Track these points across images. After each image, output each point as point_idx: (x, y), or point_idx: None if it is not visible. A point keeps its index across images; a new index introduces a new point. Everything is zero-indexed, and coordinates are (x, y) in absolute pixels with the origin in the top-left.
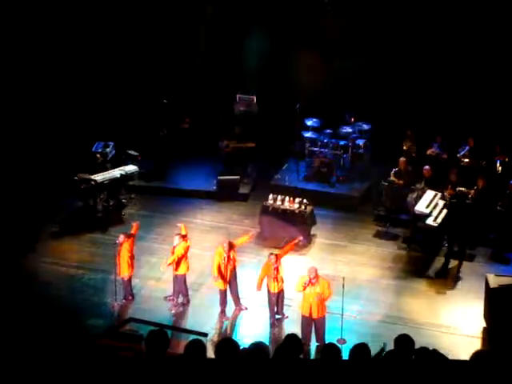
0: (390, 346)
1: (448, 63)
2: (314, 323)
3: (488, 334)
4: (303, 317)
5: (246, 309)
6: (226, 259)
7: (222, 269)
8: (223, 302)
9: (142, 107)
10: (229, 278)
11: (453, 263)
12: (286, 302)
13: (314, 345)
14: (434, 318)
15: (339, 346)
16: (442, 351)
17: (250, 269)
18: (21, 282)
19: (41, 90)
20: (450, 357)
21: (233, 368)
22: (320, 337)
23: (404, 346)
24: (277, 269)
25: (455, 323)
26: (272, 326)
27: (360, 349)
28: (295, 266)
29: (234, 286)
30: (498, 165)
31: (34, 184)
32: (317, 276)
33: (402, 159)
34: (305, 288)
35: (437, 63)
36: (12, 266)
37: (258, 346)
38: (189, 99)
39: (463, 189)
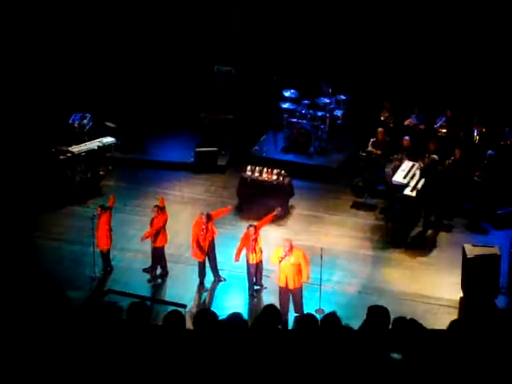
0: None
1: (426, 33)
2: (291, 294)
3: (465, 304)
4: (280, 288)
5: (225, 280)
6: (205, 231)
7: (201, 240)
8: (201, 274)
9: (118, 79)
10: (207, 250)
11: (429, 233)
12: (264, 272)
13: (292, 315)
14: (412, 288)
15: (317, 316)
16: (419, 321)
17: (228, 240)
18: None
19: (17, 62)
20: (428, 326)
21: (211, 339)
22: (298, 307)
23: (378, 316)
24: (255, 240)
25: (432, 293)
26: (251, 296)
27: (331, 318)
28: (273, 237)
29: (213, 258)
30: (475, 135)
31: (12, 157)
32: (291, 247)
33: (380, 129)
34: (280, 261)
35: (415, 33)
36: None
37: (235, 317)
38: (167, 71)
39: (435, 156)
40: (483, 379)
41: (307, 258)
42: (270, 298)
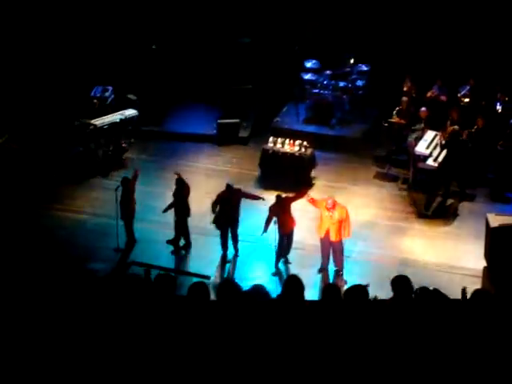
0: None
1: (448, 1)
2: (331, 245)
3: (488, 273)
4: (321, 239)
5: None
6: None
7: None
8: (224, 245)
9: (137, 52)
10: (230, 221)
11: (452, 203)
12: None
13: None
14: (435, 258)
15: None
16: (442, 291)
17: (250, 212)
18: (24, 228)
19: (40, 36)
20: (451, 296)
21: (234, 310)
22: (338, 260)
23: (401, 287)
24: (286, 211)
25: (456, 263)
26: (276, 268)
27: (356, 290)
28: (295, 209)
29: (235, 229)
30: (498, 105)
31: (35, 130)
32: (334, 204)
33: (405, 99)
34: (325, 209)
35: (437, 1)
36: (15, 213)
37: (257, 289)
38: (189, 42)
39: (456, 127)
40: (506, 348)
41: (349, 215)
42: (295, 270)
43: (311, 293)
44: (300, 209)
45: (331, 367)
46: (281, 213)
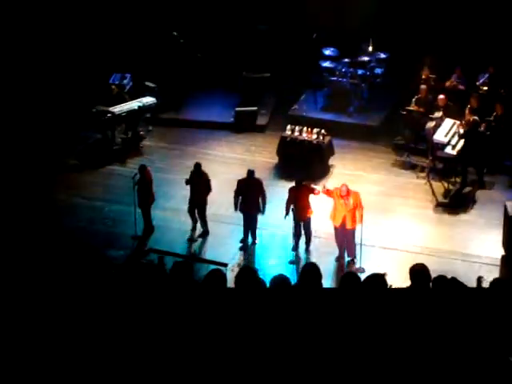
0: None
1: None
2: (345, 234)
3: (507, 262)
4: (335, 228)
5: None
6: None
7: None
8: (244, 232)
9: (156, 39)
10: (250, 208)
11: (471, 191)
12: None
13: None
14: (453, 246)
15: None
16: (460, 279)
17: (269, 199)
18: (41, 215)
19: (59, 24)
20: (469, 285)
21: (253, 297)
22: (351, 250)
23: (419, 275)
24: (305, 198)
25: (474, 251)
26: (294, 256)
27: (375, 279)
28: (314, 197)
29: (254, 217)
30: None
31: (53, 117)
32: (348, 191)
33: (423, 87)
34: (339, 197)
35: None
36: (33, 199)
37: (279, 278)
38: (207, 30)
39: (476, 117)
40: None
41: (361, 200)
42: (312, 258)
43: (327, 281)
44: (316, 197)
45: (348, 356)
46: (298, 198)
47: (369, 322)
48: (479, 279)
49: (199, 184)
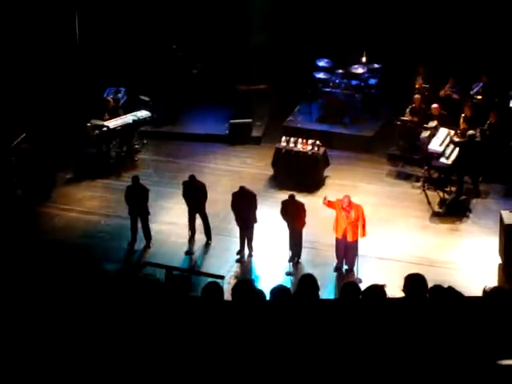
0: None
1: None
2: (346, 246)
3: (503, 271)
4: (337, 239)
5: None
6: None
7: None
8: (241, 245)
9: (152, 53)
10: (244, 222)
11: (466, 200)
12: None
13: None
14: (449, 255)
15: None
16: (457, 288)
17: (265, 210)
18: (37, 229)
19: (51, 38)
20: (465, 294)
21: (249, 309)
22: (350, 260)
23: (415, 284)
24: (299, 210)
25: (470, 260)
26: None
27: (375, 290)
28: (309, 208)
29: (250, 230)
30: (511, 102)
31: (48, 131)
32: (350, 203)
33: (417, 96)
34: (340, 210)
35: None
36: (28, 213)
37: (279, 289)
38: (200, 43)
39: (472, 132)
40: None
41: (364, 214)
42: (308, 269)
43: (324, 292)
44: (311, 208)
45: (346, 366)
46: (289, 212)
47: (369, 331)
48: (485, 290)
49: (196, 194)
